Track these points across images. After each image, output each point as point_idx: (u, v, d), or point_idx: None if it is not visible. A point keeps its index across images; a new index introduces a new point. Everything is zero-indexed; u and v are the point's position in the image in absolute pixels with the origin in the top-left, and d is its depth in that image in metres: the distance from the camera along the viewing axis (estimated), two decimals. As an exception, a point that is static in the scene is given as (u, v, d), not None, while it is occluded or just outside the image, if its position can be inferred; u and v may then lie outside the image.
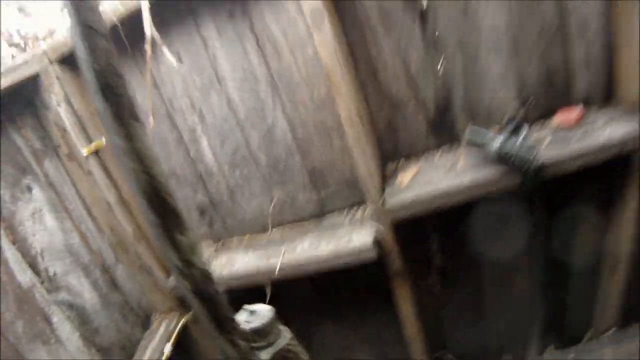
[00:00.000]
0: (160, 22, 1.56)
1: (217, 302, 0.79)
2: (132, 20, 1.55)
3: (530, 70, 1.65)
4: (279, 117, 1.80)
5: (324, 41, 1.48)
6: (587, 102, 1.73)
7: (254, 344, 0.90)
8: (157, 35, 1.51)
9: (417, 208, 1.64)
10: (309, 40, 1.63)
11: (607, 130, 1.58)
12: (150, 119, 1.74)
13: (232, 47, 1.70)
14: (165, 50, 1.56)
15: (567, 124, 1.67)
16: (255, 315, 0.95)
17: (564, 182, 1.72)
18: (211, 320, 0.78)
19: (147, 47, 1.51)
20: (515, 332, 2.30)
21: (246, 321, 0.93)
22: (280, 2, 1.60)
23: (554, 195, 1.80)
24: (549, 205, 1.79)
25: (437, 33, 1.63)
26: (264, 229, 2.04)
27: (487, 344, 2.39)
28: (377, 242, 1.71)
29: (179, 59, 1.74)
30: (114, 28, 1.53)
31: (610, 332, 2.05)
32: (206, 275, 0.76)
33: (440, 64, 1.68)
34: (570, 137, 1.60)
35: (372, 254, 1.69)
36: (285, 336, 0.96)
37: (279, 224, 2.03)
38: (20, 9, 1.95)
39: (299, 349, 0.98)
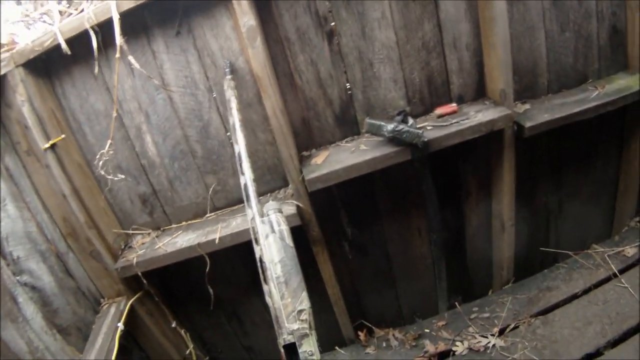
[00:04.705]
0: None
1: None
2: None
3: (414, 76, 2.14)
4: (213, 117, 2.12)
5: (256, 54, 1.83)
6: (462, 100, 2.23)
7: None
8: (124, 47, 1.83)
9: (330, 180, 2.00)
10: (241, 54, 1.98)
11: (479, 116, 2.05)
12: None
13: (177, 58, 2.02)
14: (131, 59, 1.87)
15: (445, 115, 2.13)
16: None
17: (448, 157, 2.20)
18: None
19: (117, 55, 1.86)
20: (423, 295, 2.65)
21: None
22: (218, 23, 1.93)
23: (441, 169, 2.27)
24: (438, 177, 2.22)
25: (340, 48, 2.06)
26: (202, 214, 2.33)
27: (399, 308, 2.73)
28: (298, 213, 2.05)
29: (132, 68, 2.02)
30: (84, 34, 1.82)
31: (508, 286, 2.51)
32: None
33: (343, 72, 2.10)
34: (448, 123, 2.06)
35: (294, 223, 2.02)
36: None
37: (214, 209, 2.33)
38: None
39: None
